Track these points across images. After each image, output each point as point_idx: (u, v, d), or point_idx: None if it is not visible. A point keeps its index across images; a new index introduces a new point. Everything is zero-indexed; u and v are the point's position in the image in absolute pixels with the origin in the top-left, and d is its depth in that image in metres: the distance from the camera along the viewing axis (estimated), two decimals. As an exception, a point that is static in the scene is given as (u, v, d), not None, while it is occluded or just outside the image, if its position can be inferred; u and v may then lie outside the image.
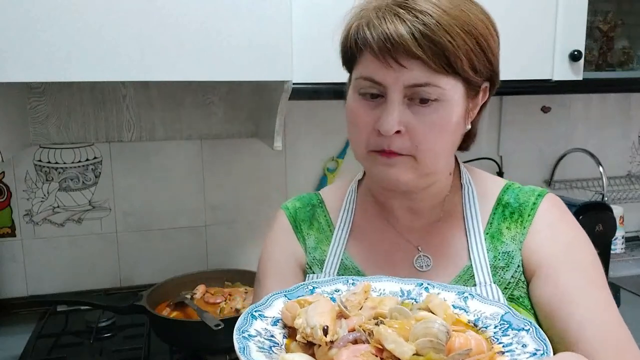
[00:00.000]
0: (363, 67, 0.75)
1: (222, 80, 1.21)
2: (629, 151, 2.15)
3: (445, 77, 0.72)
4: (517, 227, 0.82)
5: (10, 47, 1.05)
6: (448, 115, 0.74)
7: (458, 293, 0.66)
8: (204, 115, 1.64)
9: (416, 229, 0.86)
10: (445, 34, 0.70)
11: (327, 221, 0.91)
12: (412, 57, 0.70)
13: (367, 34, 0.72)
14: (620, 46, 1.83)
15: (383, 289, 0.69)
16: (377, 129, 0.74)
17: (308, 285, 0.67)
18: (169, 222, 1.67)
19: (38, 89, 1.51)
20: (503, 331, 0.58)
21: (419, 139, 0.73)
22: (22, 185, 1.55)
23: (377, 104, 0.75)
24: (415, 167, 0.76)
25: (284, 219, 0.93)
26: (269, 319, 0.60)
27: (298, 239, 0.91)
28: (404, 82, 0.72)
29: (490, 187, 0.88)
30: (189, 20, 1.14)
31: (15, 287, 1.58)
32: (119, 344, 1.37)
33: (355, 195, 0.92)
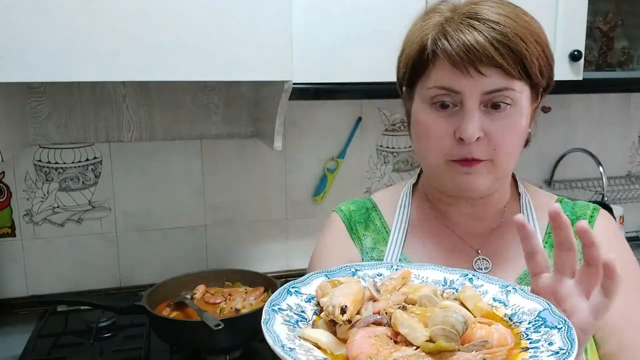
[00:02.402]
0: (437, 77, 0.77)
1: (222, 80, 1.21)
2: (629, 151, 2.15)
3: (519, 82, 0.75)
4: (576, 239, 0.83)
5: (10, 47, 1.05)
6: (519, 118, 0.78)
7: (502, 286, 0.66)
8: (204, 115, 1.64)
9: (475, 234, 0.88)
10: (520, 41, 0.73)
11: (382, 223, 0.93)
12: (492, 65, 0.73)
13: (447, 45, 0.74)
14: (620, 46, 1.83)
15: (426, 277, 0.69)
16: (457, 138, 0.76)
17: (351, 267, 0.68)
18: (169, 222, 1.67)
19: (38, 89, 1.51)
20: (536, 327, 0.58)
21: (498, 143, 0.76)
22: (22, 185, 1.55)
23: (451, 113, 0.77)
24: (493, 171, 0.78)
25: (338, 221, 0.95)
26: (304, 296, 0.61)
27: (353, 239, 0.92)
28: (482, 90, 0.74)
29: (544, 199, 0.92)
30: (189, 20, 1.14)
31: (15, 287, 1.58)
32: (119, 344, 1.37)
33: (410, 199, 0.94)
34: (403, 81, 0.85)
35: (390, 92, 0.95)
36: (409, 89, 0.84)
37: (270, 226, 1.76)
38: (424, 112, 0.79)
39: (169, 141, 1.63)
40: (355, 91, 1.36)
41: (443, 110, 0.77)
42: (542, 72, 0.77)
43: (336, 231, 0.94)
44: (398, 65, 0.87)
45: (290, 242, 1.79)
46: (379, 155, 1.83)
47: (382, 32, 1.32)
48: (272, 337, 0.51)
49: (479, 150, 0.76)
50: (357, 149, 1.80)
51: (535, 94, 0.81)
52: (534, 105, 0.83)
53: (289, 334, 0.53)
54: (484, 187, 0.80)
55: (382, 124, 1.82)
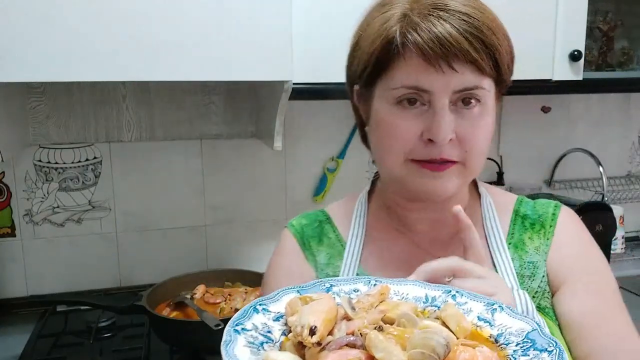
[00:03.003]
0: (403, 75, 0.70)
1: (222, 80, 1.21)
2: (629, 151, 2.15)
3: (488, 80, 0.71)
4: (540, 238, 0.82)
5: (10, 47, 1.05)
6: (488, 119, 0.73)
7: (487, 304, 0.61)
8: (204, 115, 1.64)
9: (436, 241, 0.83)
10: (493, 35, 0.69)
11: (337, 236, 0.87)
12: (465, 60, 0.67)
13: (418, 37, 0.67)
14: (620, 46, 1.83)
15: (406, 293, 0.64)
16: (425, 139, 0.70)
17: (325, 282, 0.63)
18: (169, 222, 1.67)
19: (38, 89, 1.51)
20: (524, 350, 0.53)
21: (470, 144, 0.71)
22: (22, 185, 1.55)
23: (419, 112, 0.71)
24: (463, 173, 0.74)
25: (290, 238, 0.88)
26: (272, 314, 0.56)
27: (307, 257, 0.86)
28: (453, 87, 0.69)
29: (504, 199, 0.88)
30: (189, 20, 1.14)
31: (15, 287, 1.58)
32: (119, 344, 1.36)
33: (365, 208, 0.87)
34: (359, 80, 0.77)
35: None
36: (366, 89, 0.76)
37: (270, 226, 1.76)
38: (388, 113, 0.72)
39: (169, 141, 1.63)
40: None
41: (410, 108, 0.71)
42: (508, 67, 0.73)
43: (287, 249, 0.88)
44: (350, 63, 0.79)
45: (290, 242, 1.79)
46: (379, 155, 1.83)
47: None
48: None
49: (450, 151, 0.71)
50: (357, 149, 1.80)
51: (498, 94, 0.76)
52: (497, 107, 0.77)
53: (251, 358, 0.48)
54: (452, 191, 0.75)
55: (382, 124, 1.81)
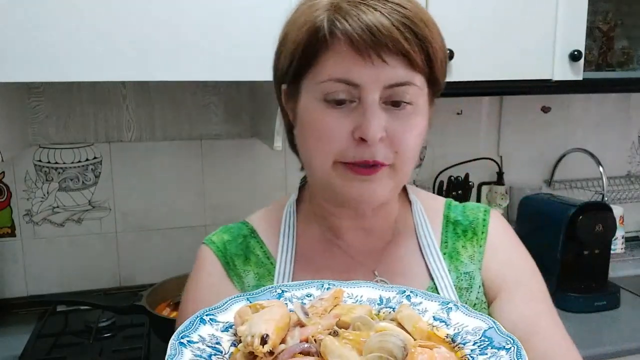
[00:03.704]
0: (331, 67, 0.65)
1: (222, 80, 1.21)
2: (629, 151, 2.15)
3: (420, 77, 0.67)
4: (473, 246, 0.80)
5: (10, 47, 1.05)
6: (420, 120, 0.69)
7: (442, 303, 0.60)
8: (204, 115, 1.64)
9: (369, 252, 0.78)
10: (425, 27, 0.65)
11: (264, 253, 0.79)
12: (396, 51, 0.63)
13: (347, 26, 0.63)
14: (620, 46, 1.83)
15: (360, 296, 0.62)
16: (356, 138, 0.66)
17: (276, 288, 0.60)
18: (169, 222, 1.67)
19: (38, 89, 1.51)
20: (482, 349, 0.52)
21: (400, 145, 0.67)
22: (22, 185, 1.55)
23: (348, 110, 0.66)
24: (393, 177, 0.69)
25: (211, 256, 0.78)
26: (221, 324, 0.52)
27: (231, 278, 0.77)
28: (384, 82, 0.65)
29: (433, 204, 0.84)
30: (188, 20, 1.14)
31: (15, 287, 1.58)
32: (119, 344, 1.36)
33: (294, 219, 0.80)
34: (285, 76, 0.72)
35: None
36: (293, 85, 0.71)
37: (270, 226, 1.76)
38: (316, 110, 0.67)
39: (169, 141, 1.63)
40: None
41: (338, 107, 0.66)
42: (442, 66, 0.69)
43: (209, 270, 0.78)
44: (277, 59, 0.75)
45: (290, 242, 1.79)
46: (379, 155, 1.83)
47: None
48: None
49: (382, 153, 0.66)
50: (357, 149, 1.80)
51: (432, 95, 0.72)
52: (431, 111, 0.74)
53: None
54: (383, 197, 0.70)
55: (382, 124, 1.81)
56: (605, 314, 1.52)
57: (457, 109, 1.89)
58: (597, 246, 1.60)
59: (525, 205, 1.74)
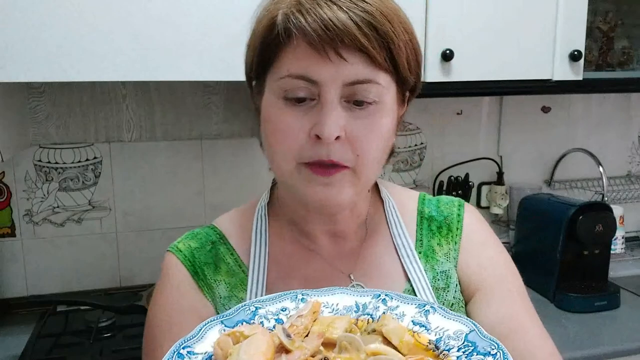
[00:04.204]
0: (290, 63, 0.64)
1: (222, 80, 1.21)
2: (629, 151, 2.15)
3: (384, 74, 0.65)
4: (448, 244, 0.79)
5: (10, 47, 1.05)
6: (385, 120, 0.67)
7: (418, 306, 0.58)
8: (204, 115, 1.64)
9: (343, 255, 0.77)
10: (387, 23, 0.63)
11: (235, 261, 0.75)
12: (355, 48, 0.62)
13: (302, 21, 0.62)
14: (620, 46, 1.83)
15: (336, 304, 0.60)
16: (313, 137, 0.64)
17: (250, 305, 0.57)
18: (169, 222, 1.67)
19: (38, 89, 1.51)
20: (467, 355, 0.51)
21: (361, 146, 0.65)
22: (22, 185, 1.55)
23: (308, 108, 0.65)
24: (355, 181, 0.67)
25: (178, 266, 0.74)
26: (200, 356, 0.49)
27: (201, 288, 0.73)
28: (343, 79, 0.63)
29: (406, 200, 0.82)
30: (189, 20, 1.14)
31: (15, 287, 1.58)
32: (119, 344, 1.36)
33: (265, 223, 0.78)
34: (252, 72, 0.72)
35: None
36: (258, 81, 0.71)
37: (270, 226, 1.76)
38: (275, 107, 0.67)
39: (169, 141, 1.63)
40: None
41: (298, 105, 0.65)
42: (410, 65, 0.67)
43: (176, 281, 0.74)
44: (245, 55, 0.74)
45: (290, 242, 1.79)
46: (379, 155, 1.83)
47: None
48: None
49: (339, 153, 0.64)
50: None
51: (401, 95, 0.70)
52: (400, 111, 0.72)
53: None
54: (346, 201, 0.68)
55: (382, 124, 1.81)
56: (605, 314, 1.52)
57: (457, 109, 1.89)
58: (597, 246, 1.60)
59: (525, 205, 1.74)
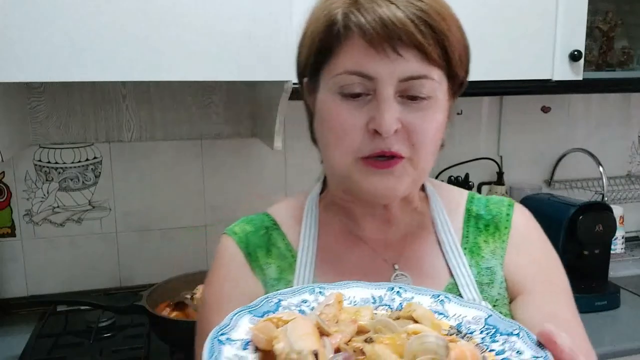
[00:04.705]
0: (347, 60, 0.67)
1: (222, 80, 1.21)
2: (629, 151, 2.15)
3: (437, 70, 0.67)
4: (495, 242, 0.79)
5: (10, 47, 1.05)
6: (438, 114, 0.69)
7: (433, 296, 0.60)
8: (204, 115, 1.64)
9: (389, 244, 0.79)
10: (441, 21, 0.65)
11: (286, 246, 0.78)
12: (411, 45, 0.64)
13: (361, 19, 0.64)
14: (620, 46, 1.83)
15: (353, 297, 0.62)
16: (370, 130, 0.66)
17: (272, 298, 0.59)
18: (169, 222, 1.67)
19: (38, 89, 1.51)
20: (491, 336, 0.52)
21: (417, 137, 0.67)
22: (22, 185, 1.55)
23: (363, 102, 0.67)
24: (411, 171, 0.69)
25: (233, 247, 0.78)
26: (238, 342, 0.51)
27: (253, 269, 0.77)
28: (399, 75, 0.65)
29: (455, 197, 0.84)
30: (189, 20, 1.14)
31: (15, 287, 1.58)
32: (119, 344, 1.36)
33: (316, 211, 0.81)
34: (305, 70, 0.74)
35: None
36: (312, 79, 0.73)
37: (270, 226, 1.76)
38: (332, 103, 0.69)
39: (169, 141, 1.63)
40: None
41: (354, 100, 0.67)
42: (461, 61, 0.70)
43: (231, 260, 0.77)
44: (298, 54, 0.76)
45: (290, 242, 1.79)
46: (379, 155, 1.83)
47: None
48: None
49: (397, 145, 0.67)
50: (357, 149, 1.80)
51: (452, 90, 0.72)
52: (450, 104, 0.74)
53: None
54: (402, 191, 0.71)
55: (382, 124, 1.81)
56: (605, 314, 1.52)
57: (457, 109, 1.89)
58: (597, 246, 1.60)
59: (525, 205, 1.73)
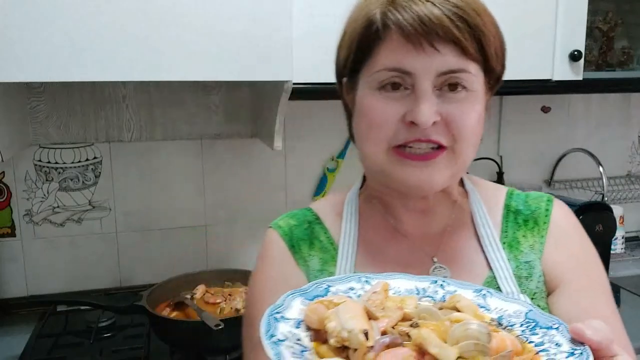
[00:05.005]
0: (386, 57, 0.69)
1: (222, 80, 1.21)
2: (629, 151, 2.15)
3: (474, 64, 0.69)
4: (534, 237, 0.80)
5: (10, 47, 1.05)
6: (476, 107, 0.71)
7: (475, 291, 0.62)
8: (204, 115, 1.64)
9: (428, 237, 0.81)
10: (477, 16, 0.68)
11: (328, 239, 0.82)
12: (447, 40, 0.66)
13: (399, 17, 0.67)
14: (620, 46, 1.83)
15: (398, 287, 0.65)
16: (407, 122, 0.68)
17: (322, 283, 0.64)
18: (169, 222, 1.67)
19: (38, 89, 1.51)
20: (531, 329, 0.55)
21: (456, 127, 0.69)
22: (22, 185, 1.55)
23: (402, 96, 0.69)
24: (451, 163, 0.71)
25: (278, 240, 0.82)
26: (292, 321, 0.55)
27: (297, 261, 0.80)
28: (436, 69, 0.67)
29: (494, 193, 0.85)
30: (189, 20, 1.14)
31: (15, 287, 1.58)
32: (119, 344, 1.37)
33: (356, 205, 0.84)
34: (344, 70, 0.76)
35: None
36: (352, 78, 0.76)
37: (270, 226, 1.76)
38: (370, 97, 0.71)
39: (169, 141, 1.63)
40: (355, 91, 1.36)
41: (392, 92, 0.69)
42: (497, 55, 0.72)
43: (276, 252, 0.81)
44: (337, 54, 0.79)
45: (290, 242, 1.79)
46: (379, 155, 1.83)
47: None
48: None
49: (437, 135, 0.68)
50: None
51: (489, 85, 0.74)
52: (487, 98, 0.75)
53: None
54: (441, 184, 0.72)
55: (382, 124, 1.81)
56: (605, 314, 1.52)
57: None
58: (597, 246, 1.57)
59: (525, 205, 1.74)
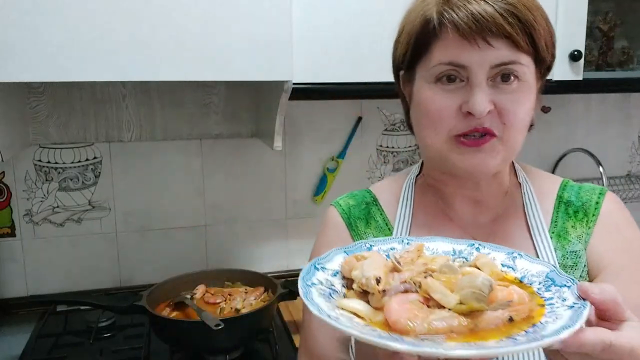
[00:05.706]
0: (441, 53, 0.74)
1: (222, 80, 1.21)
2: (629, 151, 2.15)
3: (526, 56, 0.73)
4: (582, 227, 0.83)
5: (10, 47, 1.05)
6: (527, 96, 0.75)
7: (508, 253, 0.69)
8: (204, 115, 1.64)
9: (479, 225, 0.85)
10: (528, 12, 0.72)
11: (384, 219, 0.89)
12: (500, 35, 0.71)
13: (454, 15, 0.71)
14: (620, 46, 1.82)
15: (436, 248, 0.72)
16: (464, 112, 0.73)
17: (366, 243, 0.72)
18: (169, 222, 1.67)
19: (38, 88, 1.51)
20: (546, 287, 0.61)
21: (507, 116, 0.74)
22: (22, 185, 1.55)
23: (457, 88, 0.74)
24: (501, 149, 0.76)
25: (337, 217, 0.90)
26: (330, 271, 0.65)
27: (353, 238, 0.88)
28: (490, 62, 0.72)
29: (547, 184, 0.90)
30: (189, 20, 1.14)
31: (15, 287, 1.58)
32: (119, 344, 1.37)
33: (412, 191, 0.89)
34: (402, 64, 0.82)
35: (390, 92, 0.94)
36: (409, 71, 0.81)
37: (270, 226, 1.76)
38: (427, 90, 0.76)
39: (169, 141, 1.63)
40: (355, 91, 1.36)
41: (448, 84, 0.74)
42: (547, 46, 0.76)
43: (335, 227, 0.89)
44: (395, 49, 0.84)
45: (290, 242, 1.79)
46: (379, 155, 1.83)
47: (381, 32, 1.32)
48: (315, 307, 0.55)
49: (490, 123, 0.73)
50: (357, 149, 1.80)
51: (539, 73, 0.78)
52: (538, 85, 0.80)
53: (327, 305, 0.56)
54: (494, 167, 0.77)
55: (382, 123, 1.82)
56: (605, 314, 1.52)
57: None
58: (597, 246, 1.60)
59: (525, 205, 1.74)
